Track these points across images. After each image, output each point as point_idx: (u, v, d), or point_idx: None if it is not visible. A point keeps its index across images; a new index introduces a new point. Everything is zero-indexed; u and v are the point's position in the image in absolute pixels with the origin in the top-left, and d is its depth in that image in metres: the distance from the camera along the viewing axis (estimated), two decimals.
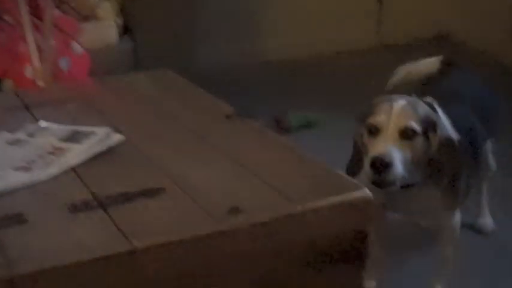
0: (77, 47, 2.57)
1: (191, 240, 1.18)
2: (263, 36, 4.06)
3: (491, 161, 2.15)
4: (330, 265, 1.32)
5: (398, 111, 1.62)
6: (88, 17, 2.74)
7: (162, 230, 1.19)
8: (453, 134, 1.72)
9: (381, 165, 1.56)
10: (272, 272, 1.27)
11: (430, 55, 2.08)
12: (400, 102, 1.65)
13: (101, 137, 1.51)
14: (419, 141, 1.62)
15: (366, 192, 1.31)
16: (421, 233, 2.14)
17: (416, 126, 1.60)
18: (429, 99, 1.79)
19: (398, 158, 1.58)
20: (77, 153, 1.46)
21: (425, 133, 1.63)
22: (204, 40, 3.43)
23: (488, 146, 2.11)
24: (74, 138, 1.52)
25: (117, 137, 1.54)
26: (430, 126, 1.63)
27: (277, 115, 3.02)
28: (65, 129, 1.58)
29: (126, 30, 2.79)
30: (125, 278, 1.15)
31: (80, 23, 2.72)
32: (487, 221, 2.21)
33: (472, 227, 2.23)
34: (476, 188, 2.19)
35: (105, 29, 2.67)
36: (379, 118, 1.63)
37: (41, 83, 2.39)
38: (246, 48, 4.00)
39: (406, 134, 1.61)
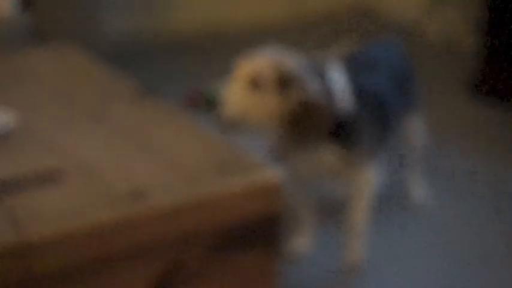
0: None
1: (90, 230, 1.11)
2: (174, 8, 3.96)
3: (417, 133, 2.14)
4: (240, 251, 1.27)
5: (254, 61, 1.65)
6: None
7: (58, 218, 1.11)
8: (339, 98, 1.72)
9: (215, 102, 1.65)
10: (179, 260, 1.21)
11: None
12: (265, 54, 1.67)
13: None
14: (271, 92, 1.63)
15: (275, 174, 1.26)
16: None
17: (265, 77, 1.62)
18: (332, 64, 1.77)
19: (236, 99, 1.62)
20: None
21: (282, 87, 1.63)
22: (111, 13, 3.32)
23: (414, 121, 2.10)
24: None
25: (11, 118, 1.44)
26: (289, 81, 1.63)
27: (189, 94, 2.94)
28: None
29: (25, 3, 2.64)
30: (16, 273, 1.06)
31: None
32: (416, 193, 2.22)
33: (404, 202, 2.22)
34: (403, 159, 2.21)
35: (3, 1, 2.52)
36: (240, 64, 1.67)
37: None
38: (157, 21, 3.89)
39: (254, 83, 1.63)
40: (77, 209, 1.14)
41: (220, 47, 3.73)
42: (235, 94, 1.63)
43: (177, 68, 3.44)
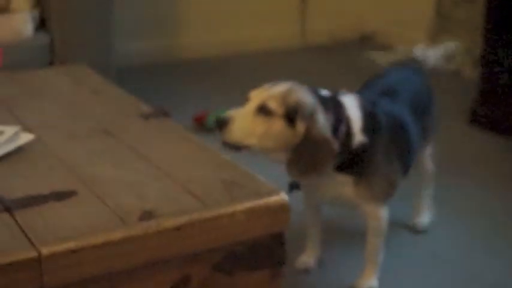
0: None
1: (101, 246, 1.14)
2: (185, 33, 4.01)
3: (429, 163, 2.16)
4: (245, 269, 1.30)
5: (265, 91, 1.66)
6: (2, 9, 2.64)
7: (69, 235, 1.14)
8: (346, 133, 1.71)
9: (219, 123, 1.61)
10: (185, 278, 1.24)
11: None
12: (279, 85, 1.68)
13: (10, 136, 1.45)
14: (278, 122, 1.63)
15: (283, 196, 1.30)
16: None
17: (273, 106, 1.63)
18: (346, 94, 1.78)
19: (242, 124, 1.61)
20: None
21: (290, 119, 1.63)
22: (123, 36, 3.37)
23: (427, 149, 2.12)
24: None
25: (26, 136, 1.48)
26: (299, 114, 1.63)
27: (197, 114, 2.98)
28: None
29: (42, 23, 2.70)
30: (30, 286, 1.10)
31: None
32: (421, 219, 2.23)
33: (408, 227, 2.23)
34: (416, 188, 2.22)
35: (19, 22, 2.57)
36: (251, 93, 1.68)
37: None
38: (167, 45, 3.94)
39: (262, 110, 1.63)
40: (89, 226, 1.17)
41: (231, 69, 3.78)
42: (242, 119, 1.64)
43: (187, 89, 3.49)
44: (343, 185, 1.77)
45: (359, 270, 1.94)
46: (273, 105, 1.63)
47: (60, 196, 1.27)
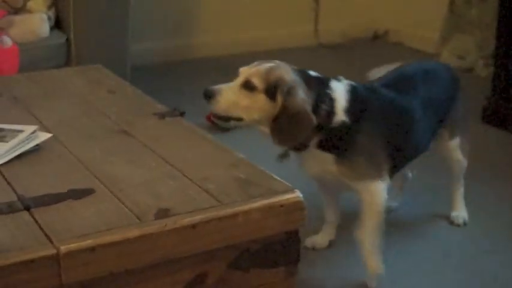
0: (7, 40, 2.50)
1: (118, 244, 1.16)
2: (199, 33, 4.03)
3: (458, 156, 2.18)
4: (261, 268, 1.31)
5: (251, 68, 1.80)
6: (19, 9, 2.67)
7: (87, 232, 1.16)
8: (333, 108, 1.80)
9: (206, 94, 1.75)
10: (201, 275, 1.26)
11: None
12: (265, 63, 1.82)
13: (28, 135, 1.47)
14: (260, 96, 1.75)
15: (298, 194, 1.31)
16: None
17: (256, 82, 1.75)
18: (340, 79, 1.87)
19: (226, 96, 1.75)
20: (2, 153, 1.42)
21: (271, 93, 1.75)
22: (137, 36, 3.39)
23: (454, 141, 2.16)
24: None
25: (44, 135, 1.50)
26: (279, 89, 1.75)
27: (211, 112, 2.99)
28: None
29: (58, 23, 2.72)
30: (49, 282, 1.12)
31: (10, 16, 2.64)
32: (458, 213, 2.26)
33: (447, 219, 2.26)
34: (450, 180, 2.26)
35: (36, 22, 2.60)
36: (241, 69, 1.82)
37: None
38: (181, 44, 3.96)
39: (246, 86, 1.76)
40: (106, 224, 1.19)
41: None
42: (229, 92, 1.76)
43: (200, 87, 3.49)
44: (325, 162, 1.84)
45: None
46: (255, 81, 1.76)
47: (78, 194, 1.29)
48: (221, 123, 1.75)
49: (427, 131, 2.03)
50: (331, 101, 1.81)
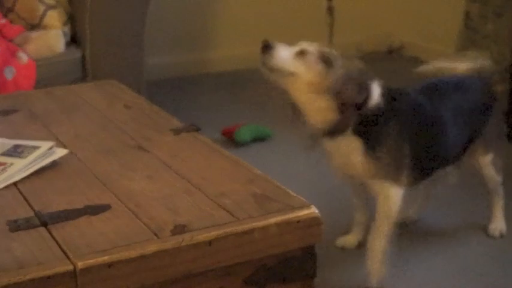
0: (23, 56, 2.52)
1: (135, 260, 1.16)
2: (214, 47, 4.05)
3: (491, 172, 2.20)
4: (277, 284, 1.31)
5: (306, 42, 1.86)
6: (35, 25, 2.69)
7: (104, 248, 1.16)
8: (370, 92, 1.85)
9: (265, 46, 1.83)
10: None
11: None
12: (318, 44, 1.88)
13: (45, 151, 1.48)
14: (315, 60, 1.82)
15: (314, 209, 1.31)
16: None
17: (312, 49, 1.83)
18: (377, 80, 1.91)
19: (284, 51, 1.82)
20: (19, 168, 1.43)
21: (325, 61, 1.82)
22: (152, 50, 3.41)
23: (487, 157, 2.16)
24: (16, 152, 1.48)
25: (61, 151, 1.51)
26: (330, 61, 1.82)
27: (227, 127, 3.00)
28: (8, 142, 1.54)
29: (74, 39, 2.74)
30: None
31: (27, 32, 2.67)
32: (495, 225, 2.27)
33: (485, 230, 2.28)
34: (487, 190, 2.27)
35: (52, 38, 2.62)
36: (297, 43, 1.87)
37: None
38: (196, 59, 3.98)
39: (302, 54, 1.82)
40: (123, 239, 1.19)
41: (260, 83, 3.79)
42: (285, 50, 1.83)
43: (216, 102, 3.51)
44: (353, 153, 1.86)
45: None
46: (311, 49, 1.83)
47: (95, 210, 1.30)
48: (266, 73, 1.86)
49: (456, 143, 2.03)
50: (369, 87, 1.85)
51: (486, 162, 2.16)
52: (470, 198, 2.43)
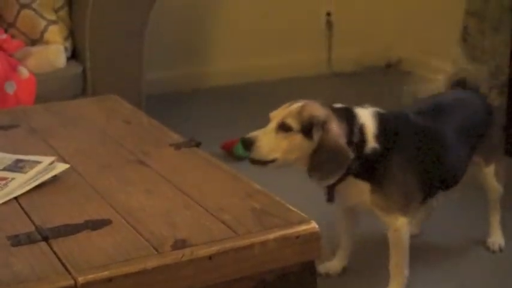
0: (24, 71, 2.53)
1: (135, 275, 1.17)
2: (212, 61, 4.06)
3: (493, 183, 2.20)
4: None
5: (283, 110, 1.85)
6: (36, 40, 2.70)
7: (105, 263, 1.17)
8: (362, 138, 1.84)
9: (244, 143, 1.81)
10: None
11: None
12: (294, 104, 1.85)
13: (45, 166, 1.49)
14: (297, 136, 1.80)
15: (313, 225, 1.31)
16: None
17: (291, 123, 1.80)
18: (365, 107, 1.90)
19: (266, 141, 1.80)
20: (20, 183, 1.43)
21: (307, 132, 1.80)
22: (152, 66, 3.43)
23: (490, 169, 2.18)
24: (17, 167, 1.49)
25: (62, 166, 1.52)
26: (314, 126, 1.80)
27: (225, 142, 3.01)
28: (8, 157, 1.54)
29: (74, 54, 2.76)
30: None
31: (28, 47, 2.68)
32: (494, 239, 2.27)
33: (483, 244, 2.29)
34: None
35: (53, 53, 2.63)
36: (272, 113, 1.87)
37: None
38: (195, 73, 4.00)
39: (282, 128, 1.81)
40: (124, 254, 1.20)
41: (258, 97, 3.81)
42: (266, 137, 1.81)
43: (214, 116, 3.52)
44: (362, 192, 1.88)
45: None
46: (291, 121, 1.81)
47: (95, 225, 1.30)
48: (258, 166, 1.84)
49: (460, 160, 2.04)
50: (362, 129, 1.85)
51: (489, 174, 2.18)
52: (469, 213, 2.44)
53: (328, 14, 4.24)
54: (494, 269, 2.17)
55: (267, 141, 1.80)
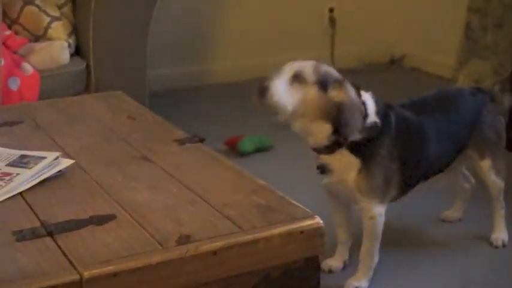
0: (28, 67, 2.54)
1: (140, 270, 1.17)
2: (215, 58, 4.06)
3: (492, 177, 2.20)
4: None
5: (299, 63, 1.87)
6: (40, 37, 2.71)
7: (110, 258, 1.17)
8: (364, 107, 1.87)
9: (260, 89, 1.81)
10: None
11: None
12: (309, 61, 1.88)
13: (50, 161, 1.49)
14: (312, 88, 1.81)
15: (318, 220, 1.32)
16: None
17: (307, 74, 1.81)
18: (367, 93, 1.93)
19: (279, 88, 1.80)
20: (25, 179, 1.44)
21: (322, 86, 1.82)
22: (155, 62, 3.43)
23: (485, 163, 2.18)
24: (22, 162, 1.50)
25: (66, 162, 1.52)
26: (331, 82, 1.82)
27: (229, 138, 3.02)
28: (13, 153, 1.55)
29: (78, 51, 2.76)
30: None
31: (31, 43, 2.69)
32: (497, 235, 2.28)
33: (487, 240, 2.29)
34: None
35: (56, 50, 2.64)
36: (284, 66, 1.88)
37: None
38: (198, 70, 4.00)
39: (296, 79, 1.81)
40: (129, 250, 1.20)
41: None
42: (280, 85, 1.81)
43: (218, 113, 3.53)
44: (350, 169, 1.89)
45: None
46: (307, 74, 1.82)
47: (100, 220, 1.31)
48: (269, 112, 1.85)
49: (441, 155, 2.05)
50: (364, 104, 1.88)
51: (485, 168, 2.18)
52: (472, 208, 2.44)
53: (331, 10, 4.24)
54: (497, 265, 2.17)
55: (281, 89, 1.81)
